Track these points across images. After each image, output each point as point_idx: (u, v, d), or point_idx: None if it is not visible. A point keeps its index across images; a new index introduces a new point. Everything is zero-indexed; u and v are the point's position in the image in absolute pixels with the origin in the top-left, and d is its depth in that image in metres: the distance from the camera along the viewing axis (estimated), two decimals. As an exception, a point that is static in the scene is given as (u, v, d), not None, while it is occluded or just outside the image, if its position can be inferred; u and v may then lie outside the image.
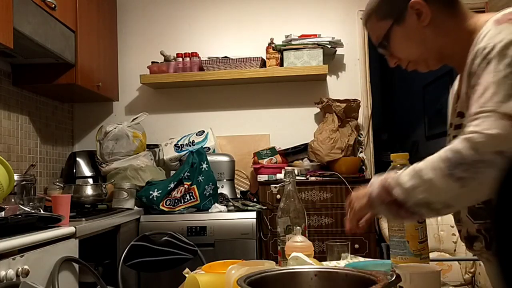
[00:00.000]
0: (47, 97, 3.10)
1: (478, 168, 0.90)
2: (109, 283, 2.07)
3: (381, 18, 1.16)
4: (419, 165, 0.98)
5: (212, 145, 3.15)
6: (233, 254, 2.43)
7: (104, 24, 3.18)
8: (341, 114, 3.10)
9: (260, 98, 3.41)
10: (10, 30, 2.02)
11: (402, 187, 0.98)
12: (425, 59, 1.17)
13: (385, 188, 1.01)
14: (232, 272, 0.96)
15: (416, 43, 1.14)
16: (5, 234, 1.55)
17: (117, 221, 2.39)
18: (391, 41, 1.16)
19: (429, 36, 1.13)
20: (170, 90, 3.45)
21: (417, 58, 1.17)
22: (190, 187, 2.76)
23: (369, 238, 2.78)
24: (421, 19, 1.12)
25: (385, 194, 1.01)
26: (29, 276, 1.54)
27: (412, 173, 0.98)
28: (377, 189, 1.04)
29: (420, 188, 0.95)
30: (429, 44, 1.14)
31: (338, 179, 2.86)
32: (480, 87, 0.96)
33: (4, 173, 1.84)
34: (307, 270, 0.91)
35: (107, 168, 2.99)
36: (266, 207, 2.84)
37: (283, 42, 3.21)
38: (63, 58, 2.58)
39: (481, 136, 0.90)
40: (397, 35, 1.15)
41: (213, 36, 3.47)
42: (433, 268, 1.06)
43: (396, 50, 1.17)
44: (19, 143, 2.78)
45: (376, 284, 0.76)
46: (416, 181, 0.96)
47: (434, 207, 0.95)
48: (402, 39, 1.15)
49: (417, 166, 0.98)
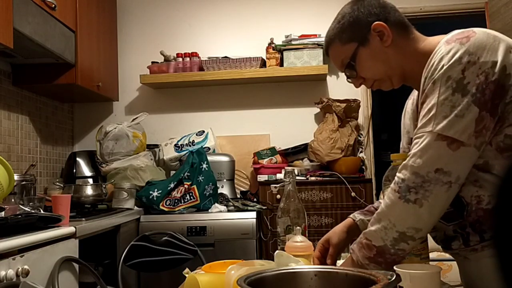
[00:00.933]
0: (47, 97, 3.10)
1: (425, 188, 0.99)
2: (109, 283, 2.07)
3: (345, 43, 1.22)
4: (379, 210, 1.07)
5: (212, 145, 3.15)
6: (233, 254, 2.43)
7: (104, 24, 3.18)
8: (341, 114, 3.10)
9: (260, 98, 3.41)
10: (10, 30, 2.02)
11: (377, 235, 1.05)
12: (390, 77, 1.23)
13: (365, 245, 1.08)
14: (232, 272, 0.96)
15: (381, 62, 1.21)
16: (5, 234, 1.55)
17: (117, 221, 2.39)
18: (357, 61, 1.22)
19: (391, 56, 1.20)
20: (170, 90, 3.45)
21: (382, 77, 1.23)
22: (190, 187, 2.76)
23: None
24: (384, 39, 1.19)
25: (367, 251, 1.07)
26: (29, 276, 1.54)
27: (377, 218, 1.06)
28: (359, 252, 1.09)
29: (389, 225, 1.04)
30: (393, 62, 1.20)
31: (338, 179, 2.86)
32: (426, 107, 1.04)
33: (4, 173, 1.84)
34: (307, 270, 0.91)
35: (107, 168, 2.99)
36: (266, 207, 2.84)
37: (283, 42, 3.22)
38: (63, 58, 2.58)
39: (419, 160, 1.00)
40: (363, 56, 1.21)
41: (213, 36, 3.47)
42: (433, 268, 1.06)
43: (363, 70, 1.23)
44: (19, 143, 2.78)
45: (376, 284, 0.75)
46: (382, 222, 1.05)
47: (408, 235, 1.03)
48: (367, 59, 1.21)
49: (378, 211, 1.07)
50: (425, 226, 1.04)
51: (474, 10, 3.29)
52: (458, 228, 1.13)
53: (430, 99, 1.04)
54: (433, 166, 0.99)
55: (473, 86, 1.00)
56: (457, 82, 1.01)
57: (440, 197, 1.00)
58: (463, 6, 3.31)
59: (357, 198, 2.80)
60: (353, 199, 2.81)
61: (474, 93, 0.99)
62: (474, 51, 1.01)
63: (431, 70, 1.06)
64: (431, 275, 1.02)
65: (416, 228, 1.02)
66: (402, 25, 1.21)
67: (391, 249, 1.04)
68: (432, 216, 1.03)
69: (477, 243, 1.10)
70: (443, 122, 1.00)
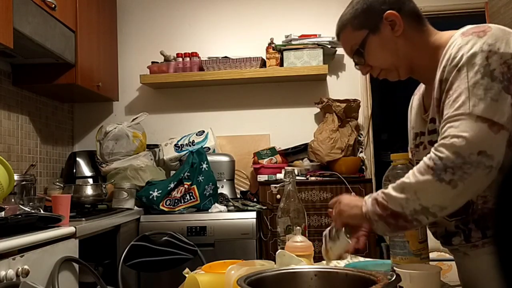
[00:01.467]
0: (47, 97, 3.10)
1: (465, 170, 0.95)
2: (109, 283, 2.07)
3: (357, 29, 1.22)
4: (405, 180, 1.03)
5: (212, 145, 3.15)
6: (233, 254, 2.43)
7: (104, 24, 3.18)
8: (341, 114, 3.10)
9: (260, 98, 3.41)
10: (10, 30, 2.02)
11: (396, 201, 1.02)
12: (397, 67, 1.22)
13: (380, 204, 1.05)
14: (232, 272, 0.96)
15: (389, 51, 1.20)
16: (5, 234, 1.54)
17: (117, 221, 2.38)
18: (366, 49, 1.21)
19: (401, 46, 1.19)
20: (170, 90, 3.45)
21: (389, 66, 1.22)
22: (190, 187, 2.76)
23: (369, 238, 2.78)
24: (395, 29, 1.18)
25: (381, 209, 1.05)
26: (29, 276, 1.54)
27: (401, 187, 1.02)
28: (372, 206, 1.07)
29: (412, 197, 1.00)
30: (401, 53, 1.20)
31: (338, 179, 2.86)
32: (454, 93, 1.02)
33: (4, 173, 1.84)
34: (307, 270, 0.91)
35: (107, 168, 2.99)
36: (266, 207, 2.84)
37: (283, 42, 3.21)
38: (63, 58, 2.58)
39: (460, 140, 0.95)
40: (372, 44, 1.21)
41: (213, 36, 3.47)
42: (433, 268, 1.06)
43: (371, 58, 1.22)
44: (19, 143, 2.78)
45: (376, 284, 0.76)
46: (405, 193, 1.01)
47: (431, 211, 0.99)
48: (377, 47, 1.21)
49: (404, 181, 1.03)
50: (451, 207, 1.01)
51: (474, 10, 3.29)
52: (461, 224, 1.13)
53: (458, 85, 1.02)
54: (477, 148, 0.95)
55: (499, 73, 0.99)
56: (484, 68, 0.99)
57: (478, 181, 0.96)
58: (463, 6, 3.31)
59: (357, 198, 2.80)
60: (353, 199, 2.80)
61: (501, 80, 0.98)
62: (493, 42, 1.02)
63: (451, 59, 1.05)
64: (431, 275, 1.02)
65: (441, 206, 0.99)
66: (415, 17, 1.20)
67: (409, 217, 1.01)
68: (463, 198, 1.00)
69: (478, 240, 1.10)
70: (481, 104, 0.97)
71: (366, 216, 1.07)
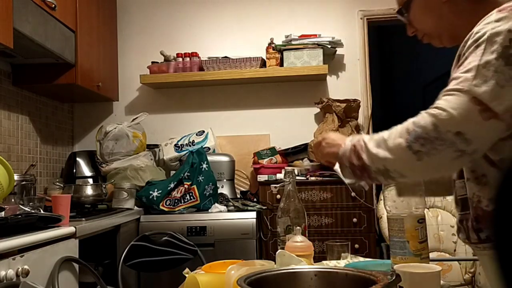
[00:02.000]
0: (47, 97, 3.10)
1: (435, 145, 0.92)
2: (109, 283, 2.07)
3: None
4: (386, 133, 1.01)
5: (212, 145, 3.15)
6: (233, 254, 2.43)
7: (104, 24, 3.18)
8: (341, 114, 3.10)
9: (260, 98, 3.41)
10: (10, 30, 2.02)
11: (369, 153, 1.02)
12: (439, 34, 1.19)
13: (356, 152, 1.05)
14: (232, 272, 0.96)
15: (433, 17, 1.17)
16: (5, 234, 1.55)
17: (117, 221, 2.39)
18: (411, 10, 1.19)
19: (446, 13, 1.14)
20: (170, 90, 3.45)
21: (432, 32, 1.19)
22: (190, 187, 2.76)
23: (369, 238, 2.78)
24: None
25: (355, 157, 1.05)
26: (29, 276, 1.54)
27: (378, 142, 1.01)
28: (349, 151, 1.07)
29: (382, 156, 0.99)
30: (445, 21, 1.15)
31: (338, 179, 2.86)
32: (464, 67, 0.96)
33: (4, 173, 1.84)
34: (307, 270, 0.91)
35: (107, 168, 2.99)
36: (266, 207, 2.84)
37: (283, 42, 3.21)
38: (63, 58, 2.58)
39: (445, 115, 0.91)
40: (416, 6, 1.18)
41: (213, 36, 3.47)
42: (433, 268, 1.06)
43: (414, 20, 1.20)
44: (19, 143, 2.78)
45: (376, 284, 0.76)
46: (380, 149, 1.00)
47: (390, 175, 1.00)
48: (421, 10, 1.18)
49: (384, 136, 1.01)
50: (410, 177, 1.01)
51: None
52: (464, 219, 1.13)
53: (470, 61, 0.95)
54: (456, 127, 0.90)
55: None
56: (503, 48, 0.92)
57: (443, 161, 0.93)
58: None
59: (357, 198, 2.80)
60: (353, 199, 2.81)
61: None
62: None
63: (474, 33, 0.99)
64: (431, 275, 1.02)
65: (401, 174, 0.99)
66: None
67: (372, 173, 1.02)
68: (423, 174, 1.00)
69: (475, 241, 1.10)
70: (482, 86, 0.91)
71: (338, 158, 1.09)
